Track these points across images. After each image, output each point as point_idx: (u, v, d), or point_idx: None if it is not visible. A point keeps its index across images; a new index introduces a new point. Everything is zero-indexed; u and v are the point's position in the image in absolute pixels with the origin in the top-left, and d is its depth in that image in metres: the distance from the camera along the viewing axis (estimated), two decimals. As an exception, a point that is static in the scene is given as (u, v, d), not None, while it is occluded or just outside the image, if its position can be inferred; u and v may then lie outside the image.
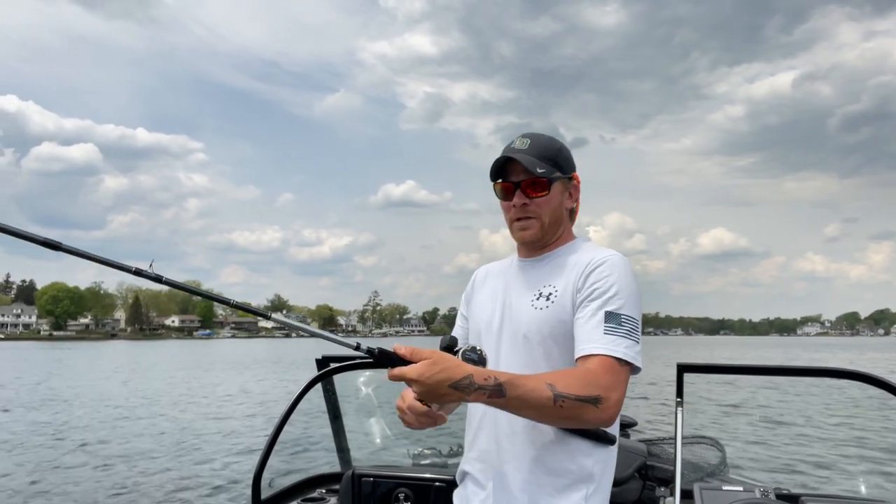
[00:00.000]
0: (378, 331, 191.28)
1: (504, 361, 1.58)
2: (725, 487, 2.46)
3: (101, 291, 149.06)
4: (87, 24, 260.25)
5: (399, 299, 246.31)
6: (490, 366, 1.38)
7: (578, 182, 1.68)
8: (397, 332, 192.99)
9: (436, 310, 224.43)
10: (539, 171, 1.56)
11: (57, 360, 45.39)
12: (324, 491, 3.16)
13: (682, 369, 2.58)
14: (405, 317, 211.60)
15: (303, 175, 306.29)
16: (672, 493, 2.42)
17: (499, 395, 1.30)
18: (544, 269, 1.63)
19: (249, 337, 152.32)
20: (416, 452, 3.42)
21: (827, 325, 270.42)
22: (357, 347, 1.32)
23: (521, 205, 1.60)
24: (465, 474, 1.68)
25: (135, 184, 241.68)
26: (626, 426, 3.41)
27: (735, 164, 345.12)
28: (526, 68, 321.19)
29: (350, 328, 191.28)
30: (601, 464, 1.52)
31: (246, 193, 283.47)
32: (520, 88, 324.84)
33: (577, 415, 1.35)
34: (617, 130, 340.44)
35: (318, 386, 3.12)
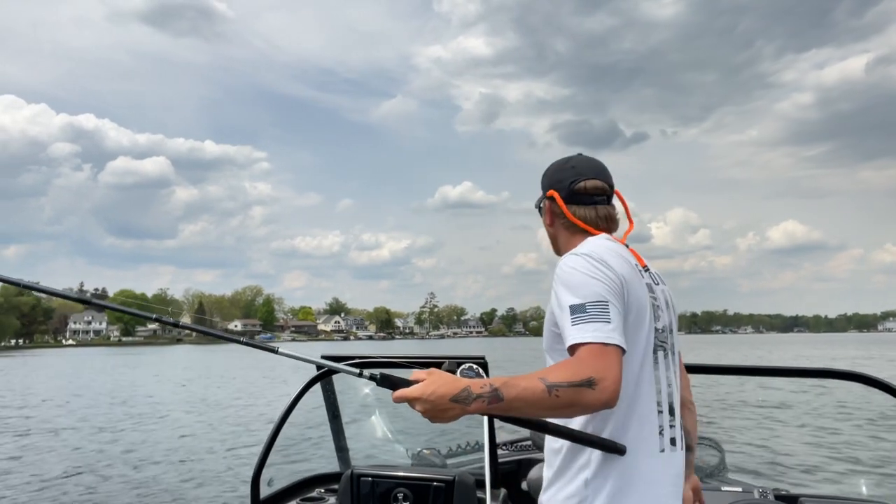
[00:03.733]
0: (435, 332, 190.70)
1: None
2: (724, 488, 2.49)
3: (168, 298, 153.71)
4: (157, 42, 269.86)
5: (458, 300, 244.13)
6: None
7: (550, 195, 1.80)
8: (455, 334, 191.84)
9: (493, 310, 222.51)
10: (538, 204, 1.88)
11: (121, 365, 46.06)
12: (322, 490, 3.18)
13: None
14: (463, 318, 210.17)
15: (361, 180, 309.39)
16: None
17: (497, 399, 1.35)
18: None
19: (309, 340, 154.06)
20: (415, 452, 3.46)
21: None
22: (360, 375, 1.47)
23: None
24: None
25: (204, 194, 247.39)
26: None
27: (805, 153, 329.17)
28: (581, 65, 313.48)
29: (408, 330, 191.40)
30: (600, 479, 1.54)
31: (307, 200, 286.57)
32: (576, 85, 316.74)
33: (576, 400, 1.36)
34: (678, 124, 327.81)
35: (318, 385, 3.17)
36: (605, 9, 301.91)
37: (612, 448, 1.54)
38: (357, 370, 1.46)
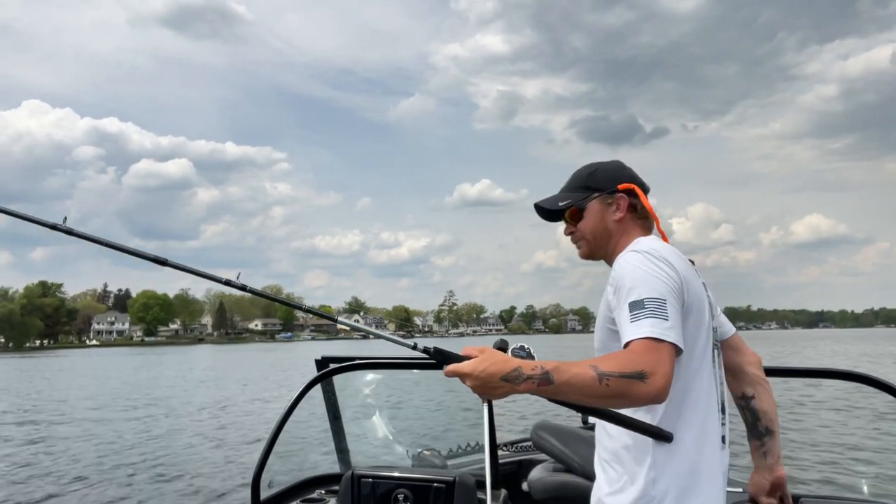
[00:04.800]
0: (454, 330, 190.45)
1: None
2: (726, 489, 2.35)
3: (189, 298, 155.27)
4: (177, 46, 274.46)
5: (477, 298, 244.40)
6: None
7: (626, 188, 1.77)
8: (474, 332, 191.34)
9: (513, 308, 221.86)
10: (560, 204, 1.81)
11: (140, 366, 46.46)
12: (323, 492, 3.19)
13: None
14: (482, 316, 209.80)
15: (380, 179, 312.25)
16: None
17: (547, 382, 1.36)
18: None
19: (329, 339, 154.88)
20: (415, 453, 3.46)
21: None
22: (414, 347, 1.50)
23: (569, 233, 1.85)
24: None
25: (225, 195, 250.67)
26: None
27: (829, 146, 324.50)
28: (600, 60, 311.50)
29: (426, 328, 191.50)
30: (667, 478, 1.53)
31: (327, 200, 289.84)
32: (594, 81, 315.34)
33: (625, 391, 1.36)
34: (699, 118, 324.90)
35: (318, 386, 3.19)
36: (624, 3, 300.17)
37: (660, 435, 1.53)
38: (411, 342, 1.49)
